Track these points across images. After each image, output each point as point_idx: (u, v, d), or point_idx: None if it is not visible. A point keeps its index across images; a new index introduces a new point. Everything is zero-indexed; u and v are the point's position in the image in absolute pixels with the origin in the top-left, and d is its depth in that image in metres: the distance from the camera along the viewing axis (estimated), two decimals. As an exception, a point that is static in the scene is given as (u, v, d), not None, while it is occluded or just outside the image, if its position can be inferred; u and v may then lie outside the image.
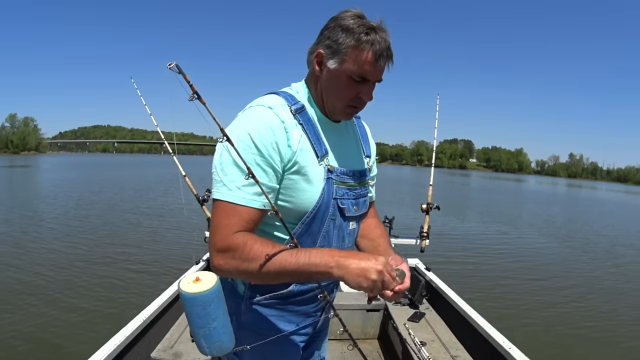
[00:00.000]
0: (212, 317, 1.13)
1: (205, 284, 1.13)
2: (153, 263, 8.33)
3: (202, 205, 3.90)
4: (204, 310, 1.12)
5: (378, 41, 1.26)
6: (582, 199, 46.49)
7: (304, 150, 1.30)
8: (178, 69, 1.10)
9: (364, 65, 1.27)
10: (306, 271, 1.18)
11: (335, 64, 1.30)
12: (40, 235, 10.51)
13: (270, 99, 1.34)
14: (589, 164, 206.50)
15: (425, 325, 3.45)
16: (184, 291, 1.12)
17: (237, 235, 1.20)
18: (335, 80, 1.32)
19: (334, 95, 1.34)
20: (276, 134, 1.24)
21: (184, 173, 4.06)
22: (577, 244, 13.82)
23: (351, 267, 1.14)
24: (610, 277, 9.65)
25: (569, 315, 6.82)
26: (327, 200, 1.35)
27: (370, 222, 1.65)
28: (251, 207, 1.22)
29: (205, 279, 1.14)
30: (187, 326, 3.10)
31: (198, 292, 1.11)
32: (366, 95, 1.34)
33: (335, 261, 1.16)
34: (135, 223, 12.86)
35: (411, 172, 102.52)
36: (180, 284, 1.14)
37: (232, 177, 1.22)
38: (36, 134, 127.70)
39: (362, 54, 1.26)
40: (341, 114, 1.40)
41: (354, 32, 1.26)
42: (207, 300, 1.11)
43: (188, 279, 1.15)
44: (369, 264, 1.14)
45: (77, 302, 6.09)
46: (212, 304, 1.12)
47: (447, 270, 7.72)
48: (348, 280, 1.15)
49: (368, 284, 1.13)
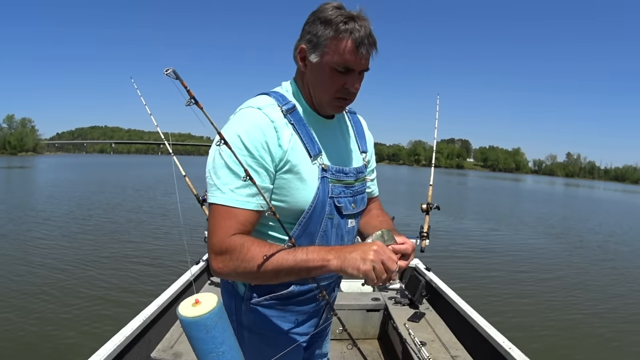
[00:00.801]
0: (219, 340, 1.06)
1: (206, 306, 1.07)
2: (153, 263, 8.33)
3: (202, 205, 3.90)
4: (208, 334, 1.05)
5: (357, 29, 1.24)
6: (581, 198, 46.51)
7: (295, 150, 1.29)
8: (175, 74, 1.10)
9: (344, 54, 1.25)
10: (304, 267, 1.18)
11: (317, 57, 1.29)
12: (40, 236, 10.48)
13: (260, 99, 1.34)
14: (586, 163, 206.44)
15: (425, 325, 3.45)
16: (184, 316, 1.05)
17: (234, 237, 1.20)
18: (319, 74, 1.31)
19: (320, 89, 1.33)
20: (266, 134, 1.24)
21: (184, 173, 4.06)
22: (577, 244, 13.82)
23: (348, 254, 1.15)
24: (611, 277, 9.65)
25: (569, 315, 6.82)
26: (323, 200, 1.34)
27: (374, 213, 1.66)
28: (246, 208, 1.22)
29: (205, 301, 1.08)
30: None
31: (199, 316, 1.04)
32: (352, 86, 1.31)
33: (333, 253, 1.17)
34: (135, 223, 12.85)
35: (408, 171, 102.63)
36: (179, 309, 1.07)
37: (225, 180, 1.22)
38: (34, 135, 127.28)
39: (342, 44, 1.25)
40: (330, 107, 1.38)
41: (332, 23, 1.25)
42: (209, 323, 1.05)
43: (187, 303, 1.09)
44: (364, 247, 1.16)
45: (77, 302, 6.09)
46: (216, 327, 1.06)
47: (447, 270, 7.74)
48: (346, 267, 1.15)
49: (366, 266, 1.13)
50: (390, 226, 1.55)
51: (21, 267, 7.68)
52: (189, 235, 10.59)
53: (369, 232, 1.54)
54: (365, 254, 1.14)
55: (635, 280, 9.42)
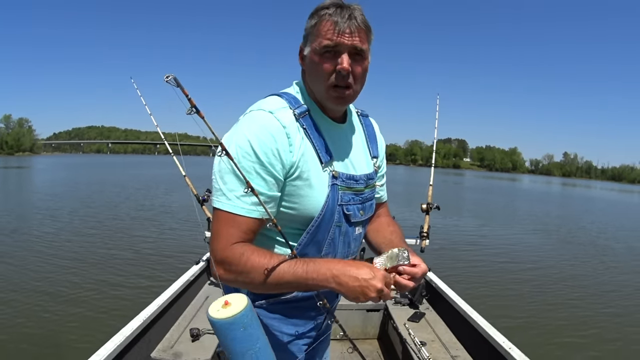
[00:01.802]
0: (255, 337, 1.07)
1: (238, 305, 1.06)
2: (153, 263, 8.32)
3: (202, 205, 3.90)
4: (245, 331, 1.05)
5: (337, 12, 1.22)
6: (580, 198, 46.59)
7: (306, 156, 1.27)
8: (176, 81, 1.08)
9: (325, 34, 1.22)
10: (303, 283, 1.18)
11: (308, 48, 1.29)
12: (39, 236, 10.46)
13: (272, 101, 1.30)
14: (583, 162, 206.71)
15: (425, 325, 3.45)
16: (218, 318, 1.04)
17: (235, 246, 1.19)
18: (311, 65, 1.29)
19: (316, 80, 1.30)
20: (277, 140, 1.21)
21: (184, 173, 4.07)
22: (575, 244, 13.85)
23: (349, 284, 1.15)
24: (611, 276, 9.66)
25: (570, 315, 6.83)
26: (332, 207, 1.32)
27: (383, 221, 1.63)
28: (250, 217, 1.20)
29: (235, 300, 1.08)
30: (187, 326, 3.09)
31: (234, 315, 1.04)
32: (340, 65, 1.23)
33: (333, 276, 1.16)
34: (134, 223, 12.83)
35: (405, 171, 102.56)
36: (211, 313, 1.05)
37: (231, 187, 1.20)
38: (31, 135, 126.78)
39: (322, 25, 1.23)
40: (329, 100, 1.31)
41: (316, 11, 1.26)
42: (245, 321, 1.05)
43: (216, 306, 1.08)
44: (368, 281, 1.15)
45: (77, 302, 6.09)
46: (252, 324, 1.06)
47: (447, 270, 7.75)
48: (347, 296, 1.17)
49: (364, 300, 1.16)
50: (401, 237, 1.54)
51: (20, 268, 7.65)
52: (190, 235, 10.65)
53: (379, 243, 1.52)
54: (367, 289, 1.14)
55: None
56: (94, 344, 2.47)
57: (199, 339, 2.92)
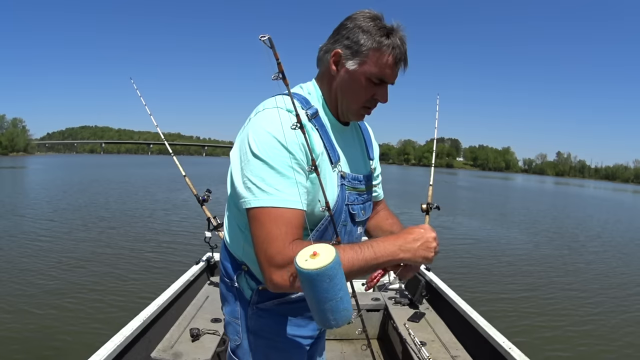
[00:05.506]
0: (339, 286, 1.04)
1: (327, 255, 1.02)
2: (153, 263, 8.30)
3: (202, 205, 3.89)
4: (331, 282, 1.02)
5: (398, 45, 1.27)
6: (578, 197, 46.75)
7: (321, 155, 1.28)
8: (270, 42, 1.07)
9: (385, 68, 1.28)
10: (373, 265, 1.18)
11: (355, 65, 1.28)
12: (39, 236, 10.41)
13: (286, 100, 1.27)
14: (577, 162, 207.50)
15: (425, 325, 3.44)
16: (310, 269, 1.00)
17: (295, 245, 1.12)
18: (354, 82, 1.30)
19: (350, 96, 1.33)
20: (299, 136, 1.19)
21: (184, 173, 4.06)
22: (576, 244, 13.86)
23: (414, 247, 1.19)
24: (612, 276, 9.67)
25: (570, 315, 6.83)
26: (340, 207, 1.33)
27: (382, 215, 1.68)
28: (298, 208, 1.16)
29: (323, 251, 1.03)
30: (187, 326, 3.07)
31: (325, 266, 1.00)
32: (382, 98, 1.34)
33: (399, 248, 1.18)
34: (134, 223, 12.78)
35: (398, 171, 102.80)
36: (300, 264, 1.01)
37: (270, 181, 1.15)
38: (25, 135, 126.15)
39: (383, 57, 1.27)
40: (355, 115, 1.39)
41: (374, 35, 1.26)
42: (333, 272, 1.01)
43: (304, 256, 1.03)
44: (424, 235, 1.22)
45: (77, 302, 6.07)
46: (337, 274, 1.03)
47: (447, 270, 7.77)
48: (416, 259, 1.20)
49: (431, 254, 1.21)
50: (401, 226, 1.58)
51: (20, 268, 7.61)
52: (190, 234, 10.66)
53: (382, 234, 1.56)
54: (428, 243, 1.21)
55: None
56: (94, 344, 2.46)
57: (199, 339, 2.91)
